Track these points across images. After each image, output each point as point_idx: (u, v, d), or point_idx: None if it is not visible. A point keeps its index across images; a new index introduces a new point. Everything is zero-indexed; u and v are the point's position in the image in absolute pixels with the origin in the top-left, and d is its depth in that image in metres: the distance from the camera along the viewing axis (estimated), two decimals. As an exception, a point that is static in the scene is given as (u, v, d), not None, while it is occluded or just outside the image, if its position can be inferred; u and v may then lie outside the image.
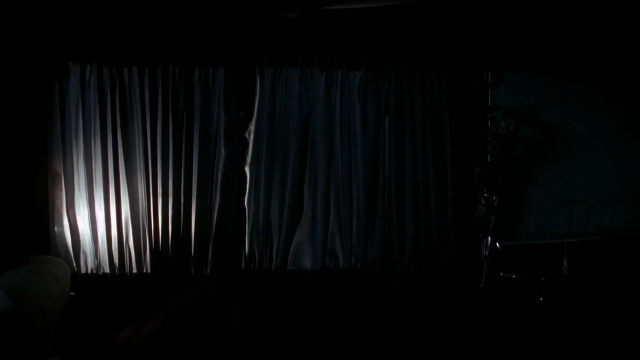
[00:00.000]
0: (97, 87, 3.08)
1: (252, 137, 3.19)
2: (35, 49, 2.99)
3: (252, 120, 3.18)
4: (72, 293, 2.77)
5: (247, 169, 3.19)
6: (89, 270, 3.14)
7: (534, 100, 3.32)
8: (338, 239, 3.27)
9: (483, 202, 3.12)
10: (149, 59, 3.10)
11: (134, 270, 3.15)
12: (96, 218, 3.13)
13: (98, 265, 3.14)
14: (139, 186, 3.14)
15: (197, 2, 2.79)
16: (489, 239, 3.12)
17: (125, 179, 3.13)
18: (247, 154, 3.19)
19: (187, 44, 3.11)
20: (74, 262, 3.12)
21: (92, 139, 3.11)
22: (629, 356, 3.14)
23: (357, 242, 3.25)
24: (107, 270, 3.15)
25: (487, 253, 3.11)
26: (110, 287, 3.11)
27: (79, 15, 2.82)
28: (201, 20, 2.99)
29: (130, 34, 3.07)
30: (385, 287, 3.24)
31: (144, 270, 3.16)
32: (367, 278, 3.24)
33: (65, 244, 3.12)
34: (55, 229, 3.11)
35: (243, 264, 3.20)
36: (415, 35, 3.09)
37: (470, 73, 3.27)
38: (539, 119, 3.28)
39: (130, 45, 3.08)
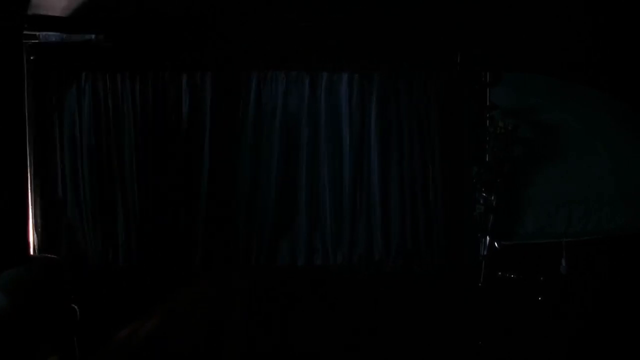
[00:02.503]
0: (92, 94, 3.17)
1: (240, 138, 3.24)
2: (35, 57, 3.06)
3: (240, 122, 3.24)
4: (70, 292, 2.78)
5: (235, 169, 3.24)
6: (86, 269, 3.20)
7: (533, 100, 3.30)
8: (325, 237, 3.31)
9: (481, 201, 3.11)
10: (140, 64, 3.20)
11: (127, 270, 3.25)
12: (90, 216, 3.21)
13: (94, 264, 3.22)
14: (132, 185, 3.23)
15: (185, 8, 2.81)
16: (488, 238, 3.11)
17: (119, 179, 3.22)
18: (236, 155, 3.25)
19: (176, 48, 3.18)
20: (71, 259, 3.19)
21: (87, 140, 3.20)
22: (628, 356, 3.13)
23: (344, 241, 3.27)
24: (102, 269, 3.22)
25: (485, 252, 3.10)
26: (106, 285, 3.17)
27: (76, 24, 2.84)
28: (190, 25, 3.02)
29: (122, 40, 3.15)
30: (374, 286, 3.25)
31: (138, 269, 3.25)
32: (354, 276, 3.26)
33: (63, 243, 3.20)
34: (52, 229, 3.19)
35: (232, 261, 3.27)
36: (404, 34, 3.06)
37: (458, 72, 3.25)
38: (537, 119, 3.27)
39: (123, 52, 3.16)
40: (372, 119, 3.25)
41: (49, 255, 3.02)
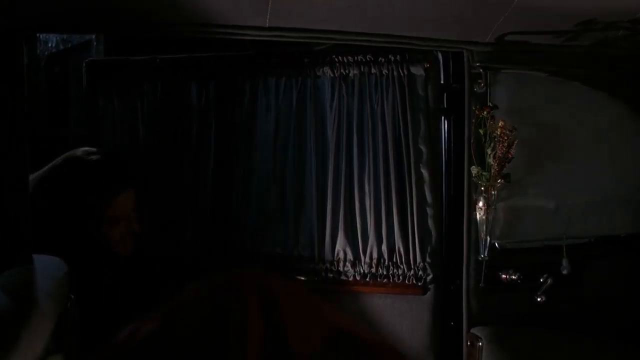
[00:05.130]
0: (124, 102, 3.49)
1: (232, 142, 3.39)
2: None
3: (234, 127, 3.37)
4: (71, 295, 2.78)
5: (232, 171, 3.39)
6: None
7: (533, 100, 3.30)
8: (309, 235, 3.35)
9: (481, 202, 3.11)
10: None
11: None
12: None
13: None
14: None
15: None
16: (488, 239, 3.11)
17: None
18: (231, 158, 3.39)
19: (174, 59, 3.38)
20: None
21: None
22: (628, 356, 3.13)
23: (325, 240, 3.29)
24: None
25: (485, 254, 3.10)
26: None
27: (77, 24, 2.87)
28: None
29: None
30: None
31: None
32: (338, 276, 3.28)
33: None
34: None
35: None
36: (394, 31, 3.03)
37: (456, 70, 3.25)
38: (538, 119, 3.27)
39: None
40: (365, 119, 3.26)
41: (50, 257, 3.02)
